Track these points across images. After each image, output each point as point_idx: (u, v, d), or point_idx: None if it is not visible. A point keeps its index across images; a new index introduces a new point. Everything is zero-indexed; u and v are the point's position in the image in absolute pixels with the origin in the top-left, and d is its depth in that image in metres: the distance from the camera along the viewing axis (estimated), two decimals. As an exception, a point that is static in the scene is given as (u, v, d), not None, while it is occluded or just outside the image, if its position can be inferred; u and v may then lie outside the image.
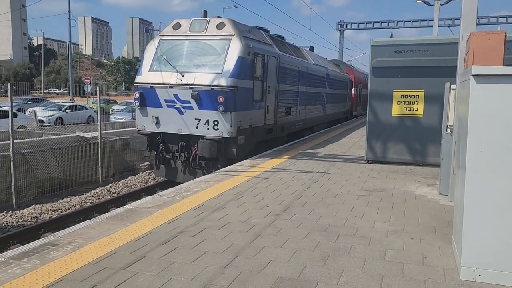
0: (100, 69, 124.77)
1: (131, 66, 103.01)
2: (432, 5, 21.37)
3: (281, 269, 3.72)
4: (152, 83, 10.58)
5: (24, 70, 65.82)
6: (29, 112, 23.36)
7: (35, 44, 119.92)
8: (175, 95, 10.31)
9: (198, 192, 6.55)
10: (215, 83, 9.99)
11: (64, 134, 14.97)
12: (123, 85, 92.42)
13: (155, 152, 10.82)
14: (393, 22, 39.49)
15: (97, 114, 13.83)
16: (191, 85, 10.12)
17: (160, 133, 10.63)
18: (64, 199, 10.56)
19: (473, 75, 3.32)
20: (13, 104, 10.98)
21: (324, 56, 21.83)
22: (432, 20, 23.25)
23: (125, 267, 3.72)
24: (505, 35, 4.61)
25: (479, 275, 3.43)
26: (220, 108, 9.86)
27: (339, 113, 22.59)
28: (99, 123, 13.35)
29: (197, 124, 10.18)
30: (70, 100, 42.22)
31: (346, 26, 42.98)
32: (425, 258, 4.01)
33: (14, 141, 10.68)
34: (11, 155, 10.41)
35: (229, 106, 9.91)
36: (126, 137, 15.73)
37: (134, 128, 16.93)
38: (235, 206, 5.79)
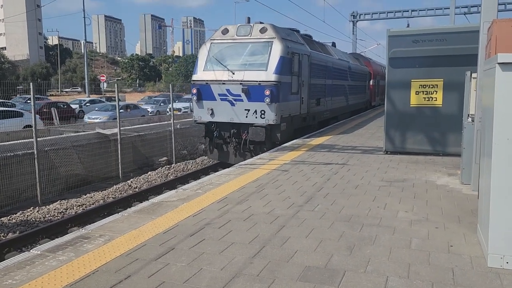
0: (115, 66, 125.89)
1: (145, 63, 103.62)
2: (448, -7, 21.01)
3: (308, 259, 3.79)
4: (207, 80, 12.32)
5: (41, 69, 66.83)
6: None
7: (51, 44, 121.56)
8: (227, 90, 12.03)
9: (220, 186, 6.65)
10: (261, 79, 11.72)
11: (84, 132, 15.28)
12: (137, 81, 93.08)
13: (209, 139, 12.51)
14: (408, 11, 38.88)
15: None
16: (241, 81, 11.83)
17: (214, 122, 12.33)
18: (88, 195, 10.80)
19: (498, 63, 3.32)
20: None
21: (338, 47, 22.12)
22: (448, 8, 22.90)
23: (156, 258, 3.84)
24: (529, 22, 4.57)
25: (507, 262, 3.45)
26: (267, 100, 11.56)
27: (360, 103, 24.00)
28: (118, 119, 13.57)
29: (247, 114, 11.90)
30: (87, 97, 42.74)
31: (360, 17, 42.45)
32: (451, 246, 4.03)
33: (38, 139, 10.98)
34: (35, 152, 10.68)
35: (274, 98, 11.61)
36: (145, 133, 15.99)
37: (152, 124, 17.33)
38: (257, 198, 5.88)
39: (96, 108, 27.16)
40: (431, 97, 9.09)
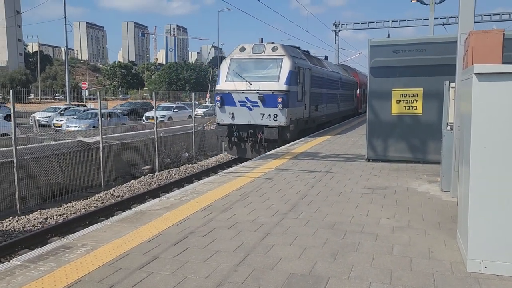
0: (96, 73, 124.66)
1: (128, 71, 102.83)
2: (427, 4, 21.53)
3: (293, 266, 3.82)
4: (228, 90, 14.92)
5: (20, 76, 65.75)
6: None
7: (31, 50, 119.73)
8: (246, 97, 14.61)
9: (204, 194, 6.64)
10: (274, 89, 14.32)
11: (65, 140, 15.04)
12: (120, 89, 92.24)
13: (229, 138, 15.04)
14: (388, 21, 39.60)
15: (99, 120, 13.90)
16: (258, 90, 14.40)
17: (234, 124, 14.85)
18: (69, 204, 10.61)
19: (475, 74, 3.44)
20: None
21: (321, 57, 22.93)
22: (427, 19, 23.46)
23: (140, 267, 3.81)
24: (503, 34, 4.74)
25: (485, 267, 3.54)
26: (279, 106, 14.16)
27: (349, 110, 26.74)
28: (100, 128, 13.43)
29: (262, 117, 14.47)
30: (68, 104, 42.12)
31: (342, 27, 43.06)
32: (432, 252, 4.11)
33: (17, 147, 10.76)
34: (15, 161, 10.47)
35: (284, 104, 14.19)
36: (127, 141, 15.83)
37: (135, 132, 17.32)
38: (242, 206, 5.89)
39: (75, 116, 26.76)
40: (411, 106, 9.27)
